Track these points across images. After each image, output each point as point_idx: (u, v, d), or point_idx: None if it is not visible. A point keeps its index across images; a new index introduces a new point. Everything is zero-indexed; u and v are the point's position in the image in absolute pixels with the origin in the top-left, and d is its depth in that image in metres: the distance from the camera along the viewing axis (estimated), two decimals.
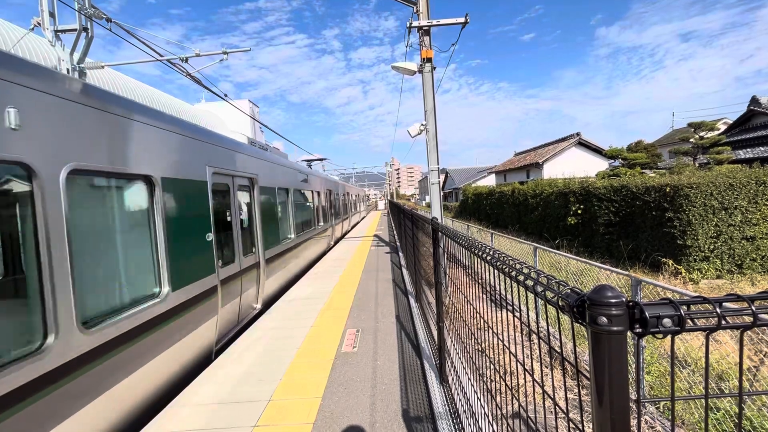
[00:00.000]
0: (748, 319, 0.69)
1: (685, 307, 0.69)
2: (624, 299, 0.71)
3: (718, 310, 0.68)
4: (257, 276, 6.61)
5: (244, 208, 6.45)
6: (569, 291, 0.87)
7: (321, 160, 20.69)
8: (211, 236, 4.85)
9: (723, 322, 0.68)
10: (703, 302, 0.71)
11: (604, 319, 0.71)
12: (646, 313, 0.69)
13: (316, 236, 11.80)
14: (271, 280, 7.25)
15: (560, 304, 0.88)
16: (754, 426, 3.37)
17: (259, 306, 6.63)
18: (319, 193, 12.85)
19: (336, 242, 16.20)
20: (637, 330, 0.70)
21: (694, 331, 0.68)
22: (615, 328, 0.71)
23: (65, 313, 2.68)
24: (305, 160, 17.90)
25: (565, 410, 1.07)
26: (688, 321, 0.68)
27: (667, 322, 0.68)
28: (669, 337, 0.71)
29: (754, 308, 0.68)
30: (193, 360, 4.39)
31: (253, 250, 6.56)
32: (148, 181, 3.77)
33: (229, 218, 5.80)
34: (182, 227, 4.28)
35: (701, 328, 0.69)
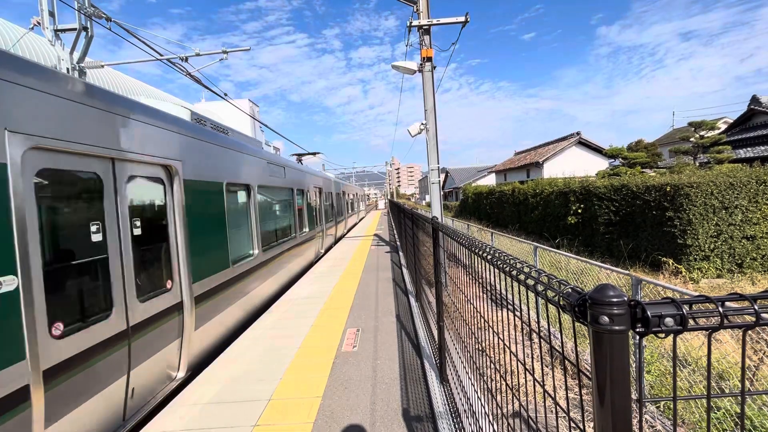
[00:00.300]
0: (751, 319, 0.68)
1: (687, 307, 0.69)
2: (626, 298, 0.71)
3: (720, 309, 0.68)
4: (177, 326, 4.13)
5: (149, 214, 3.97)
6: (570, 290, 0.87)
7: (314, 154, 17.27)
8: (12, 282, 2.41)
9: (725, 321, 0.68)
10: (705, 301, 0.70)
11: (606, 319, 0.71)
12: (648, 313, 0.68)
13: (298, 246, 9.39)
14: (209, 328, 4.74)
15: (561, 303, 0.87)
16: (754, 425, 3.37)
17: (180, 374, 4.21)
18: (303, 191, 10.52)
19: (327, 250, 13.82)
20: (639, 329, 0.70)
21: (697, 331, 0.68)
22: (617, 328, 0.70)
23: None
24: (295, 155, 15.28)
25: (565, 409, 1.07)
26: (690, 320, 0.68)
27: (669, 321, 0.67)
28: (670, 336, 0.71)
29: (756, 307, 0.67)
30: None
31: (168, 284, 4.07)
32: None
33: (96, 235, 3.21)
34: None
35: (703, 327, 0.68)
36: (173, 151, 4.28)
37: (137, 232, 3.66)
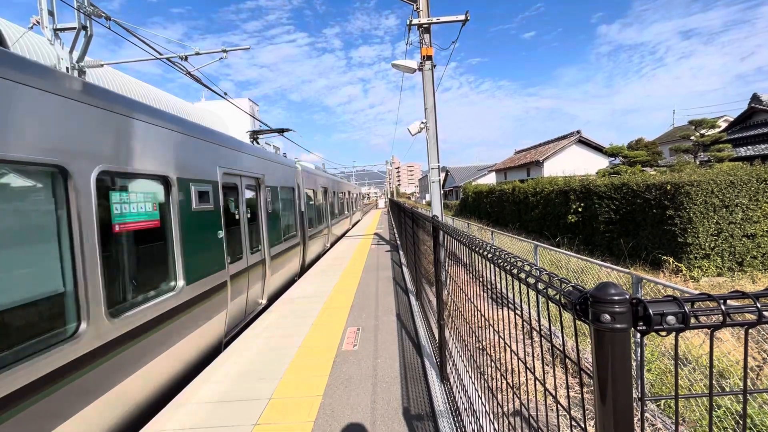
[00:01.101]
0: (753, 317, 0.68)
1: (689, 305, 0.68)
2: (628, 296, 0.70)
3: (722, 307, 0.68)
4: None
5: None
6: (572, 288, 0.86)
7: (281, 132, 11.70)
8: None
9: (727, 319, 0.68)
10: (708, 299, 0.70)
11: (608, 317, 0.70)
12: (650, 311, 0.68)
13: (245, 273, 6.08)
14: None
15: (562, 301, 0.87)
16: (755, 423, 3.37)
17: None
18: (255, 188, 6.86)
19: (306, 268, 10.31)
20: (641, 327, 0.69)
21: (699, 329, 0.68)
22: (618, 326, 0.70)
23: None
24: (251, 132, 10.54)
25: (566, 408, 1.07)
26: (693, 318, 0.68)
27: (671, 319, 0.67)
28: (671, 334, 0.70)
29: (758, 305, 0.67)
30: None
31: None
32: None
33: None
34: None
35: (706, 325, 0.68)
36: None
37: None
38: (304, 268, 10.10)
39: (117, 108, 3.47)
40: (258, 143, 10.51)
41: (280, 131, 11.93)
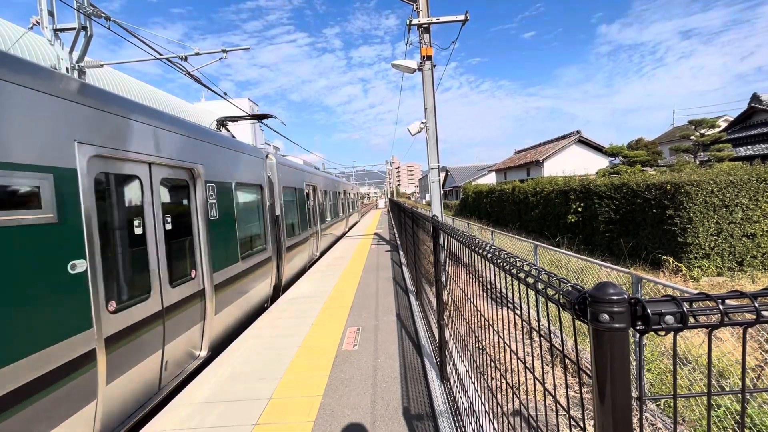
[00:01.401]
0: (751, 316, 0.68)
1: (687, 304, 0.69)
2: (626, 296, 0.71)
3: (720, 307, 0.68)
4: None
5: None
6: (570, 288, 0.87)
7: (260, 118, 9.58)
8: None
9: (726, 319, 0.68)
10: (706, 299, 0.70)
11: (606, 317, 0.71)
12: (649, 310, 0.68)
13: (153, 323, 3.88)
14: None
15: (562, 301, 0.87)
16: (754, 423, 3.37)
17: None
18: (185, 184, 4.70)
19: (284, 287, 8.27)
20: (639, 327, 0.70)
21: (697, 328, 0.68)
22: (617, 326, 0.70)
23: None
24: (219, 119, 8.05)
25: (566, 408, 1.07)
26: (691, 318, 0.68)
27: (669, 319, 0.67)
28: (670, 334, 0.71)
29: (756, 305, 0.67)
30: None
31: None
32: None
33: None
34: None
35: (704, 325, 0.68)
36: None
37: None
38: (280, 289, 7.99)
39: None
40: (229, 132, 7.70)
41: (258, 117, 9.38)
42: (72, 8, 7.03)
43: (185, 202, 4.68)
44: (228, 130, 7.88)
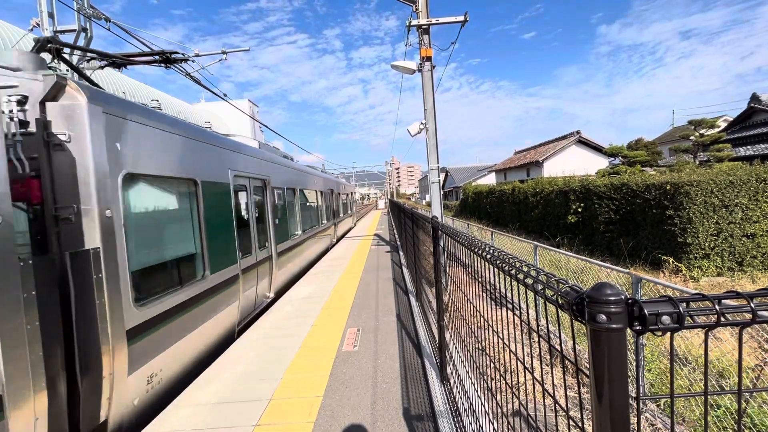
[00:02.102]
0: (747, 316, 0.69)
1: (684, 305, 0.69)
2: (623, 297, 0.71)
3: (717, 307, 0.68)
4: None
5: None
6: (569, 289, 0.87)
7: (165, 62, 6.35)
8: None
9: (722, 319, 0.68)
10: (702, 299, 0.70)
11: (604, 317, 0.71)
12: (645, 311, 0.69)
13: None
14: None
15: (559, 302, 0.88)
16: (754, 423, 3.37)
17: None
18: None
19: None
20: (636, 327, 0.70)
21: (693, 329, 0.68)
22: (614, 326, 0.71)
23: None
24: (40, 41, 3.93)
25: (565, 408, 1.07)
26: (687, 318, 0.68)
27: (665, 319, 0.68)
28: (668, 334, 0.71)
29: (753, 305, 0.68)
30: None
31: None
32: None
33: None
34: None
35: (700, 325, 0.69)
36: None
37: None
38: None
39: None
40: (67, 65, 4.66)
41: (164, 60, 6.51)
42: (72, 10, 7.04)
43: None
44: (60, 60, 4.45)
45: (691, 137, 20.16)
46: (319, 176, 13.96)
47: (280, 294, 7.68)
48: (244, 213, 6.37)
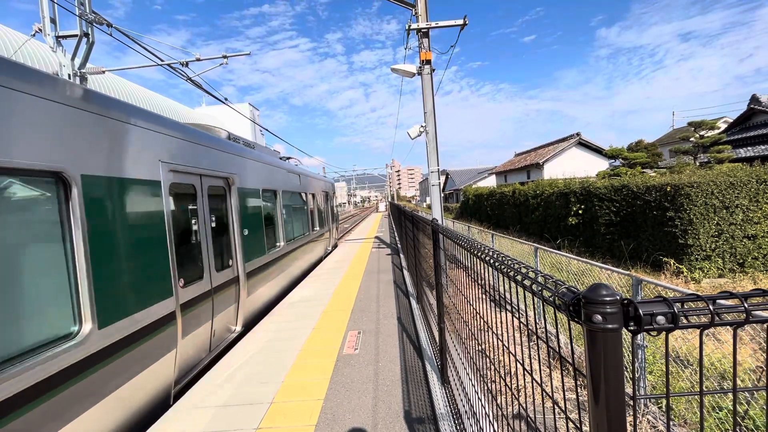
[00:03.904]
0: (741, 316, 0.70)
1: (679, 305, 0.70)
2: (618, 297, 0.72)
3: (711, 307, 0.69)
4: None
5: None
6: (566, 290, 0.88)
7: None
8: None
9: (716, 319, 0.69)
10: (697, 300, 0.71)
11: (599, 317, 0.72)
12: (640, 311, 0.70)
13: None
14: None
15: (557, 303, 0.89)
16: (756, 425, 3.36)
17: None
18: None
19: None
20: (632, 327, 0.71)
21: (688, 329, 0.69)
22: (610, 326, 0.72)
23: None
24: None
25: (564, 410, 1.08)
26: (682, 318, 0.69)
27: (660, 319, 0.69)
28: (672, 333, 0.72)
29: (746, 305, 0.69)
30: None
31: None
32: None
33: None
34: None
35: (695, 325, 0.70)
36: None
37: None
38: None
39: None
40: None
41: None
42: (74, 15, 7.10)
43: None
44: None
45: (692, 139, 20.18)
46: (309, 176, 11.96)
47: (257, 320, 6.29)
48: (190, 224, 4.66)
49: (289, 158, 11.78)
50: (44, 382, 2.52)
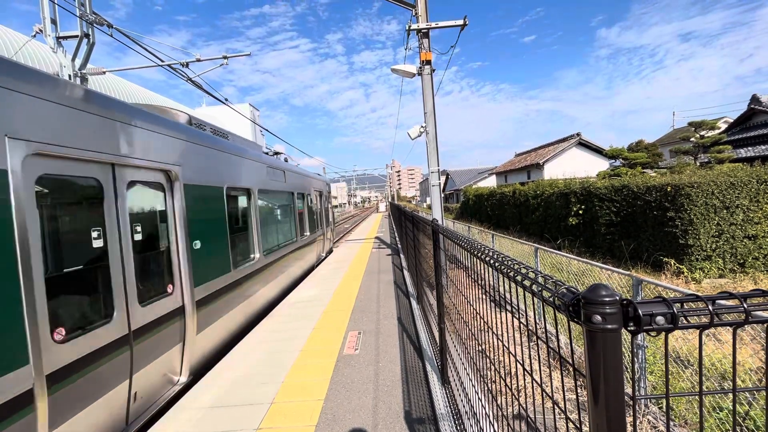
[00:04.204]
0: (741, 317, 0.70)
1: (678, 305, 0.70)
2: (618, 297, 0.72)
3: (710, 308, 0.69)
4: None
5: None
6: (565, 290, 0.88)
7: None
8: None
9: (716, 319, 0.69)
10: (696, 300, 0.72)
11: (599, 318, 0.72)
12: (640, 311, 0.70)
13: None
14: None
15: (556, 303, 0.89)
16: (757, 426, 3.36)
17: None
18: None
19: None
20: (631, 328, 0.71)
21: (687, 329, 0.69)
22: (609, 326, 0.72)
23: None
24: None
25: (564, 410, 1.08)
26: (682, 318, 0.69)
27: (660, 319, 0.69)
28: (671, 335, 0.72)
29: (745, 306, 0.69)
30: None
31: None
32: None
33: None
34: None
35: (694, 325, 0.70)
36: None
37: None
38: None
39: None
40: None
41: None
42: (75, 16, 7.11)
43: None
44: None
45: (692, 139, 20.17)
46: (298, 173, 10.29)
47: (215, 359, 4.83)
48: (88, 237, 3.11)
49: (277, 153, 10.27)
50: None
